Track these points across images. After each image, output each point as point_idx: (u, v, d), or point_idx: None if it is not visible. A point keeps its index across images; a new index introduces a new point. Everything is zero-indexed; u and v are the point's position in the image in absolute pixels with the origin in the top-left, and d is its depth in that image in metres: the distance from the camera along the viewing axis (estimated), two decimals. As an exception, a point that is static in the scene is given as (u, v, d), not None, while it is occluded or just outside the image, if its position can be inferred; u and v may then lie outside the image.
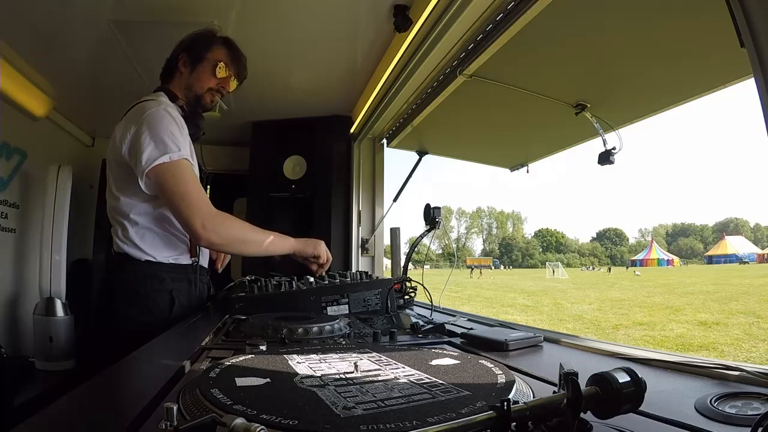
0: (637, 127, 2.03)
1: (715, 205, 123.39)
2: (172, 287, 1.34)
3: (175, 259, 1.36)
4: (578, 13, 1.28)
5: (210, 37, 1.44)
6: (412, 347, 0.74)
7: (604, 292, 15.92)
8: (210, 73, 1.42)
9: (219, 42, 1.44)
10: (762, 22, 0.58)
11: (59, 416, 0.47)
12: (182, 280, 1.38)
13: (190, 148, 1.33)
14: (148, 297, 1.30)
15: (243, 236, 1.31)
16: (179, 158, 1.23)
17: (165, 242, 1.34)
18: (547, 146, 2.47)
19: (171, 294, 1.33)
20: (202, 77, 1.42)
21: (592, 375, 0.39)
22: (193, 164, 1.30)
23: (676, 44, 1.36)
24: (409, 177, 2.55)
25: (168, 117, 1.27)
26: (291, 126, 2.57)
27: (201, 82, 1.42)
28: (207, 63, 1.41)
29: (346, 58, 1.87)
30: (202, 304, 1.47)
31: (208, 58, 1.41)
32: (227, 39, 1.47)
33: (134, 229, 1.31)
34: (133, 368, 0.70)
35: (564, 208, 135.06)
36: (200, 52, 1.42)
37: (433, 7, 1.33)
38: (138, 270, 1.31)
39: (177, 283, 1.36)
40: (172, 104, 1.38)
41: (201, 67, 1.42)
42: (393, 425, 0.38)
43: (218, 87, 1.44)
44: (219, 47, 1.44)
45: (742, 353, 6.30)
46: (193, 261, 1.41)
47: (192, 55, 1.42)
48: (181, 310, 1.35)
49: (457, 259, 58.00)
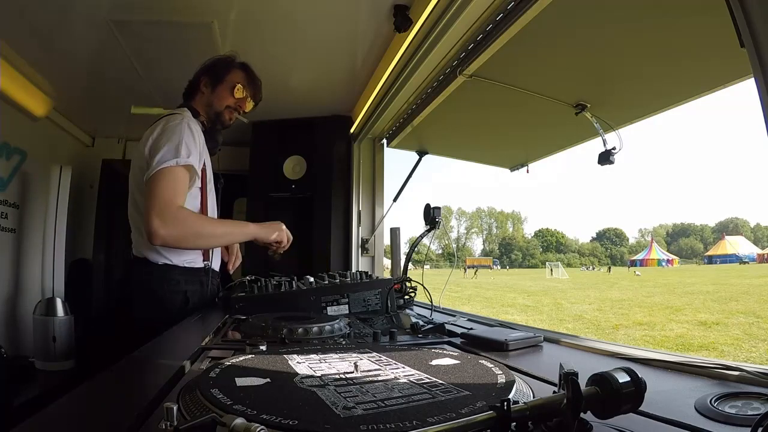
0: (637, 127, 2.04)
1: (715, 205, 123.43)
2: (186, 288, 1.43)
3: (189, 263, 1.45)
4: (578, 13, 1.28)
5: (229, 62, 1.57)
6: (412, 347, 0.74)
7: (604, 292, 15.91)
8: (229, 93, 1.55)
9: (237, 66, 1.57)
10: (762, 22, 0.58)
11: (59, 416, 0.47)
12: (195, 282, 1.47)
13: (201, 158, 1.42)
14: (165, 298, 1.39)
15: (198, 230, 1.34)
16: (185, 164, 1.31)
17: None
18: (547, 146, 2.47)
19: (185, 295, 1.42)
20: (222, 96, 1.55)
21: (592, 375, 0.39)
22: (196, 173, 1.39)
23: (676, 44, 1.35)
24: (409, 177, 2.55)
25: (187, 129, 1.37)
26: (291, 126, 2.58)
27: (220, 101, 1.55)
28: (226, 84, 1.54)
29: (346, 58, 1.87)
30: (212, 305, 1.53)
31: (227, 80, 1.54)
32: (244, 64, 1.60)
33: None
34: (133, 368, 0.70)
35: (564, 208, 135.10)
36: (220, 74, 1.55)
37: (433, 7, 1.33)
38: (155, 272, 1.40)
39: (190, 285, 1.45)
40: (194, 119, 1.50)
41: (221, 87, 1.55)
42: (393, 425, 0.38)
43: (236, 105, 1.57)
44: (237, 71, 1.56)
45: (742, 353, 6.30)
46: (206, 264, 1.50)
47: (212, 77, 1.55)
48: (194, 309, 1.41)
49: (457, 259, 58.00)
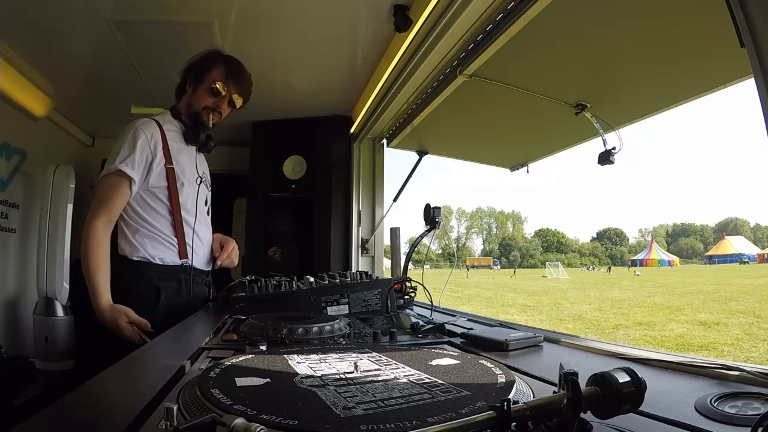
0: (637, 127, 2.04)
1: (715, 205, 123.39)
2: (159, 284, 1.44)
3: (161, 260, 1.46)
4: (578, 13, 1.28)
5: (212, 58, 1.52)
6: (412, 347, 0.74)
7: (604, 292, 15.90)
8: (207, 94, 1.51)
9: (219, 63, 1.52)
10: (762, 22, 0.58)
11: (59, 416, 0.47)
12: (171, 280, 1.47)
13: (149, 162, 1.44)
14: (139, 295, 1.40)
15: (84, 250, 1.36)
16: (116, 170, 1.38)
17: (153, 243, 1.45)
18: (547, 146, 2.47)
19: (157, 291, 1.43)
20: (201, 96, 1.52)
21: (592, 375, 0.39)
22: (130, 177, 1.40)
23: (676, 44, 1.35)
24: (409, 177, 2.55)
25: (131, 137, 1.42)
26: (291, 126, 2.57)
27: (199, 101, 1.52)
28: (206, 84, 1.51)
29: (346, 58, 1.87)
30: (199, 305, 1.53)
31: (207, 78, 1.51)
32: (228, 59, 1.54)
33: (128, 230, 1.45)
34: (133, 368, 0.70)
35: (564, 208, 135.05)
36: (201, 73, 1.52)
37: (433, 7, 1.32)
38: (130, 269, 1.43)
39: (164, 282, 1.45)
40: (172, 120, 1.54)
41: (201, 87, 1.52)
42: (393, 425, 0.38)
43: (214, 106, 1.53)
44: (218, 68, 1.51)
45: (742, 353, 6.30)
46: (183, 262, 1.50)
47: (195, 75, 1.53)
48: (169, 308, 1.43)
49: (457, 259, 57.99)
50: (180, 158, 1.52)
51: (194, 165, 1.58)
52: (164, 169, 1.47)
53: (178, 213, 1.49)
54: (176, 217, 1.49)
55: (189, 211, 1.53)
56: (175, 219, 1.49)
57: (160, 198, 1.47)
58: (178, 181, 1.50)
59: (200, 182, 1.60)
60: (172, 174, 1.48)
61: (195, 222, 1.54)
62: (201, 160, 1.64)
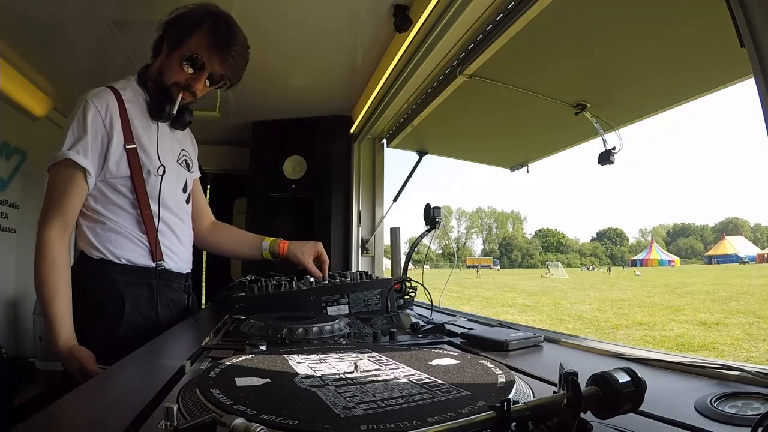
0: (637, 127, 2.04)
1: (715, 205, 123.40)
2: (124, 290, 1.18)
3: (128, 260, 1.20)
4: (578, 13, 1.28)
5: (200, 16, 1.18)
6: (412, 347, 0.74)
7: (604, 292, 15.92)
8: (180, 64, 1.18)
9: (207, 26, 1.17)
10: (762, 22, 0.58)
11: (59, 416, 0.47)
12: (140, 285, 1.22)
13: (104, 144, 1.16)
14: (99, 300, 1.18)
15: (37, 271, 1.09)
16: (62, 159, 1.13)
17: (118, 239, 1.19)
18: (547, 146, 2.47)
19: (122, 298, 1.18)
20: (173, 66, 1.20)
21: (592, 375, 0.39)
22: (83, 167, 1.14)
23: (676, 44, 1.35)
24: (409, 177, 2.55)
25: (80, 112, 1.15)
26: (291, 126, 2.57)
27: (170, 72, 1.20)
28: (183, 51, 1.18)
29: (346, 58, 1.87)
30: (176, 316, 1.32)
31: (185, 44, 1.17)
32: (218, 25, 1.19)
33: (85, 222, 1.20)
34: (133, 368, 0.70)
35: (564, 208, 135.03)
36: (180, 34, 1.18)
37: (433, 7, 1.32)
38: (89, 269, 1.18)
39: (132, 287, 1.20)
40: (136, 88, 1.25)
41: (176, 53, 1.19)
42: (393, 425, 0.38)
43: (186, 83, 1.21)
44: (203, 35, 1.17)
45: (742, 353, 6.31)
46: (158, 264, 1.23)
47: (174, 35, 1.19)
48: (139, 317, 1.20)
49: (457, 259, 58.00)
50: (145, 137, 1.22)
51: (167, 144, 1.29)
52: (124, 152, 1.17)
53: (147, 206, 1.21)
54: (144, 211, 1.21)
55: (162, 202, 1.24)
56: (143, 213, 1.21)
57: (121, 191, 1.20)
58: (143, 168, 1.21)
59: (175, 165, 1.32)
60: (135, 157, 1.19)
61: (170, 215, 1.28)
62: (179, 137, 1.37)
